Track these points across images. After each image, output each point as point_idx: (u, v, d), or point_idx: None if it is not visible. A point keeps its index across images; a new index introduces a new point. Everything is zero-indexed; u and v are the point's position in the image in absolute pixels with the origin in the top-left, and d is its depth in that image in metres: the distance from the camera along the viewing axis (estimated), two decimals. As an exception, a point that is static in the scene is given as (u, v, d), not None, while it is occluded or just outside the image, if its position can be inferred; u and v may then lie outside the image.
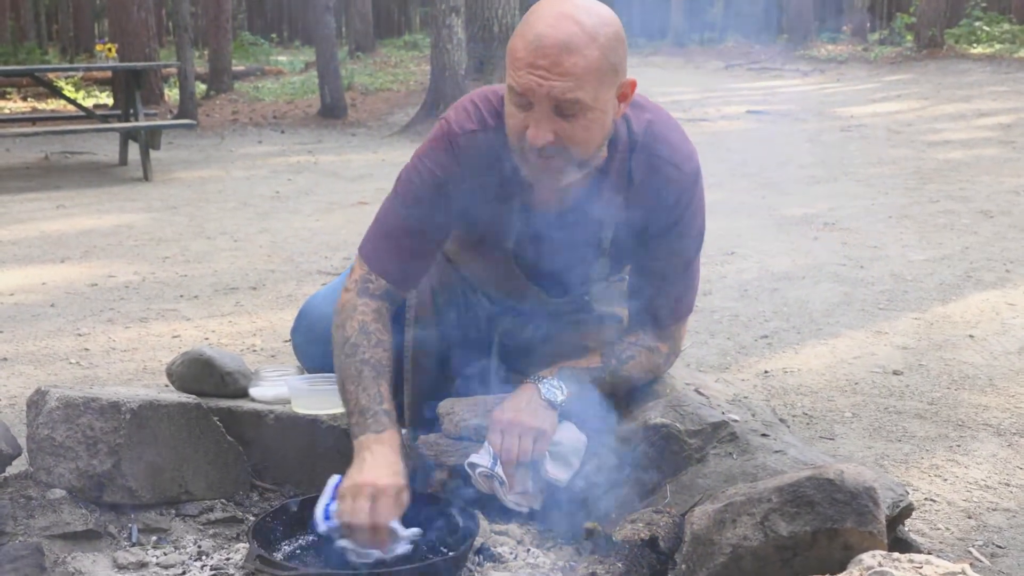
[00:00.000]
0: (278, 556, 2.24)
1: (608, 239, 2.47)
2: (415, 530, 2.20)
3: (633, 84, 2.28)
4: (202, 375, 2.67)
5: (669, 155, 2.38)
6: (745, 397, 2.69)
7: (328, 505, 2.20)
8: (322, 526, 2.19)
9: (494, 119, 2.38)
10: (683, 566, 2.05)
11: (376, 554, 2.15)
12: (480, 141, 2.38)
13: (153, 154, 10.19)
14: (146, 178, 9.85)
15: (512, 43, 2.20)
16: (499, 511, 2.40)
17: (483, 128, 2.38)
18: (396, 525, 2.16)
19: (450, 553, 2.19)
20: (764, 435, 2.36)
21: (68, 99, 12.42)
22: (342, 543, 2.16)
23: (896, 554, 1.82)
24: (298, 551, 2.30)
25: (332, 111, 15.60)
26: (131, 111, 10.40)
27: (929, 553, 2.04)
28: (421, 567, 2.14)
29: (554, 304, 2.68)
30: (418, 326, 2.75)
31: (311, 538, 2.30)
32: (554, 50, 2.12)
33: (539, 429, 2.36)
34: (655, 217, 2.40)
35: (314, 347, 2.86)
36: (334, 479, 2.24)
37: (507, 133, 2.28)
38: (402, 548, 2.17)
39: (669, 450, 2.31)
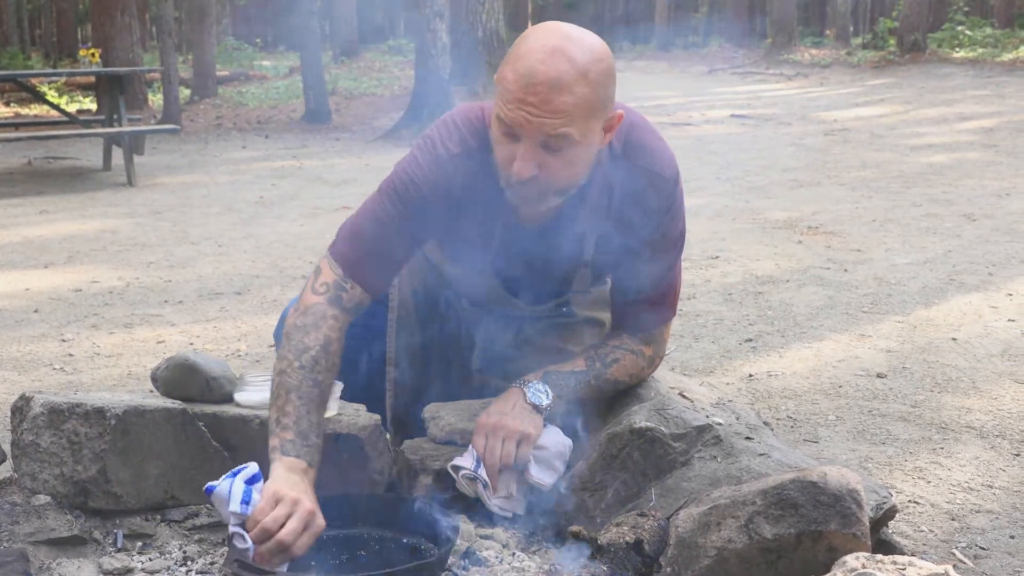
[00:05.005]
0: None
1: (590, 250, 2.48)
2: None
3: (620, 116, 2.27)
4: (187, 380, 2.66)
5: (649, 161, 2.39)
6: (729, 400, 2.70)
7: (247, 496, 2.09)
8: (234, 505, 2.07)
9: (476, 140, 2.36)
10: (668, 569, 2.06)
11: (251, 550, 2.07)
12: (464, 164, 2.37)
13: (137, 159, 10.18)
14: (130, 183, 9.83)
15: (502, 72, 2.19)
16: (485, 515, 2.40)
17: (466, 151, 2.36)
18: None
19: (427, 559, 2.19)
20: (748, 438, 2.37)
21: (51, 104, 12.41)
22: (237, 534, 2.06)
23: (880, 556, 1.83)
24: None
25: (316, 116, 15.58)
26: (115, 116, 10.37)
27: (912, 555, 2.06)
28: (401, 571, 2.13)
29: (533, 312, 2.69)
30: (400, 328, 2.75)
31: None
32: (544, 88, 2.11)
33: (523, 433, 2.37)
34: (637, 222, 2.40)
35: None
36: (253, 468, 2.15)
37: (495, 158, 2.28)
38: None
39: (654, 454, 2.31)
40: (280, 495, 2.07)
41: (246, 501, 2.09)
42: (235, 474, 2.15)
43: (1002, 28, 25.14)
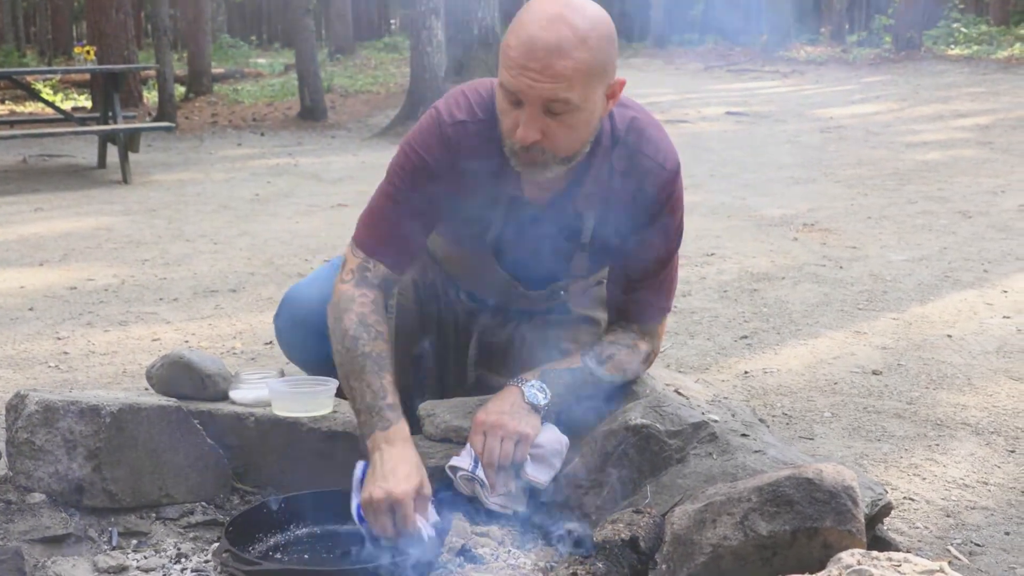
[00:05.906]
0: (255, 552, 2.25)
1: (588, 233, 2.48)
2: (435, 519, 2.24)
3: (622, 83, 2.32)
4: (182, 378, 2.66)
5: (651, 152, 2.41)
6: (725, 397, 2.70)
7: (359, 511, 2.22)
8: (362, 527, 2.23)
9: (483, 111, 2.40)
10: (664, 566, 2.06)
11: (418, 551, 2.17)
12: (469, 132, 2.39)
13: (132, 157, 10.15)
14: (125, 181, 9.81)
15: (506, 40, 2.23)
16: (482, 513, 2.40)
17: (472, 119, 2.40)
18: (421, 523, 2.19)
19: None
20: (744, 435, 2.37)
21: (46, 102, 12.37)
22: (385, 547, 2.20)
23: (875, 552, 1.83)
24: (276, 549, 2.30)
25: (312, 113, 15.55)
26: (110, 114, 10.35)
27: (908, 551, 2.06)
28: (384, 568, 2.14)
29: (531, 301, 2.69)
30: (399, 320, 2.75)
31: (288, 536, 2.31)
32: (545, 53, 2.14)
33: (521, 433, 2.36)
34: (635, 213, 2.41)
35: (297, 331, 2.82)
36: (359, 468, 2.27)
37: (500, 127, 2.31)
38: (428, 533, 2.21)
39: (649, 450, 2.31)
40: (366, 502, 2.19)
41: (360, 517, 2.22)
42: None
43: (997, 25, 25.18)
